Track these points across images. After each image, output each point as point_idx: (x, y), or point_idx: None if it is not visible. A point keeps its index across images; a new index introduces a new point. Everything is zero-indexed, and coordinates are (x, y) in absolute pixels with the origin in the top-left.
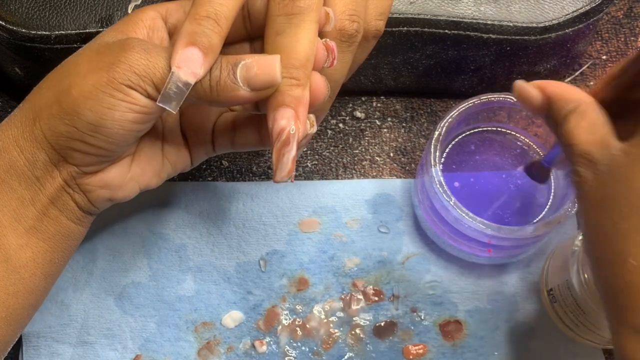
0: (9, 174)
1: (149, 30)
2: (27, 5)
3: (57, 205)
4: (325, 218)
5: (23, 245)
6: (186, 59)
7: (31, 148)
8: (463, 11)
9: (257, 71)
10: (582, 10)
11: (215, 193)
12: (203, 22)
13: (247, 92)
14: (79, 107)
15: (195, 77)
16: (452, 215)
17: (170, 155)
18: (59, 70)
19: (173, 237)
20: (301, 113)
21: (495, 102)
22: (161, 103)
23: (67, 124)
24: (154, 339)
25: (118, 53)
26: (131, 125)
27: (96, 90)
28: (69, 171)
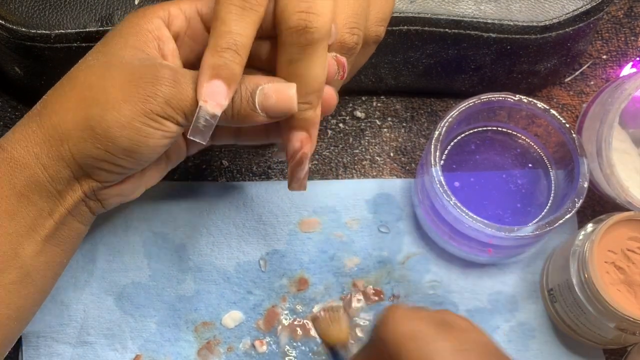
0: (30, 188)
1: (159, 42)
2: (27, 4)
3: (73, 213)
4: (325, 218)
5: (38, 252)
6: (211, 93)
7: (56, 166)
8: (463, 10)
9: (275, 100)
10: (583, 9)
11: (215, 193)
12: (224, 54)
13: (265, 118)
14: (114, 135)
15: (221, 108)
16: (452, 215)
17: (171, 154)
18: (80, 91)
19: (173, 237)
20: (313, 133)
21: (495, 101)
22: (192, 136)
23: (99, 149)
24: (154, 339)
25: (152, 85)
26: (161, 148)
27: (133, 121)
28: (91, 185)
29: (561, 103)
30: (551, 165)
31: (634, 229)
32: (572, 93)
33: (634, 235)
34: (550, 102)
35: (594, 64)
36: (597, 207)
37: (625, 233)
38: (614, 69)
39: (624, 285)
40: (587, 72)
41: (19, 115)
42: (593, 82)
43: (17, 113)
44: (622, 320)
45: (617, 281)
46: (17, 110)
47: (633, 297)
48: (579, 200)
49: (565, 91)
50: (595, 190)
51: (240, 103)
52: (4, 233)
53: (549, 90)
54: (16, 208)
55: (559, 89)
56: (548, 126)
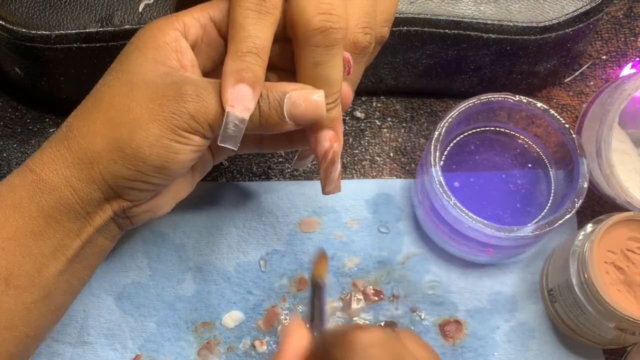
0: (58, 210)
1: (178, 54)
2: (27, 5)
3: (101, 231)
4: (325, 218)
5: (62, 272)
6: (238, 97)
7: (87, 189)
8: (463, 11)
9: (304, 109)
10: (582, 10)
11: (215, 193)
12: (246, 57)
13: (293, 126)
14: (144, 154)
15: (249, 111)
16: (452, 215)
17: (198, 165)
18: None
19: (173, 237)
20: (339, 130)
21: (495, 102)
22: (222, 143)
23: (130, 169)
24: (154, 339)
25: (177, 102)
26: (190, 162)
27: (162, 139)
28: (121, 205)
29: (561, 103)
30: (551, 166)
31: (634, 229)
32: (572, 93)
33: (634, 235)
34: (550, 102)
35: (594, 65)
36: (596, 207)
37: (625, 233)
38: (614, 69)
39: (624, 286)
40: (587, 73)
41: (20, 115)
42: (593, 82)
43: (17, 113)
44: (622, 321)
45: (616, 281)
46: (17, 111)
47: (633, 297)
48: (578, 200)
49: (565, 91)
50: (594, 190)
51: (268, 112)
52: (28, 253)
53: (548, 90)
54: (43, 229)
55: (559, 89)
56: (548, 126)
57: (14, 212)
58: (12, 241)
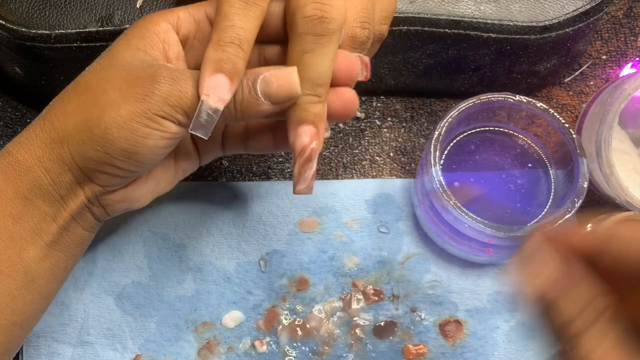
0: (33, 192)
1: (164, 44)
2: (27, 4)
3: (77, 219)
4: (325, 218)
5: (43, 257)
6: (214, 87)
7: (58, 169)
8: (463, 10)
9: (276, 86)
10: (582, 9)
11: (215, 193)
12: (227, 48)
13: (269, 106)
14: (112, 136)
15: (224, 102)
16: (452, 215)
17: (181, 162)
18: (81, 94)
19: (173, 237)
20: (321, 128)
21: (495, 102)
22: (193, 131)
23: (98, 150)
24: (154, 339)
25: (150, 84)
26: (162, 150)
27: (131, 121)
28: (93, 190)
29: (561, 103)
30: (551, 165)
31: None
32: (572, 93)
33: None
34: (550, 102)
35: (594, 64)
36: (596, 207)
37: None
38: (614, 69)
39: None
40: (587, 72)
41: (20, 115)
42: (593, 82)
43: (17, 113)
44: None
45: None
46: (17, 111)
47: None
48: (578, 200)
49: (565, 91)
50: (594, 190)
51: (242, 94)
52: (8, 237)
53: (548, 90)
54: (20, 212)
55: (559, 89)
56: (548, 126)
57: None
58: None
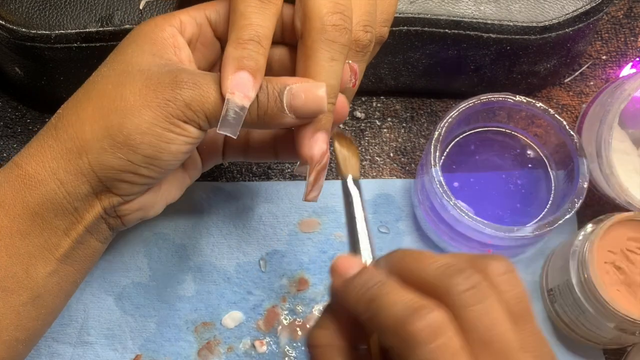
0: (44, 206)
1: (175, 49)
2: (27, 5)
3: (92, 231)
4: (325, 218)
5: (51, 273)
6: (238, 84)
7: (74, 181)
8: (463, 11)
9: (304, 100)
10: (582, 9)
11: (216, 193)
12: (248, 45)
13: (293, 119)
14: (135, 142)
15: (249, 99)
16: (452, 215)
17: (189, 167)
18: (97, 101)
19: (173, 237)
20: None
21: (495, 102)
22: (222, 130)
23: (120, 158)
24: (154, 339)
25: (172, 89)
26: (183, 155)
27: (154, 126)
28: (111, 201)
29: (561, 103)
30: (551, 166)
31: (634, 230)
32: (572, 93)
33: (634, 235)
34: (550, 102)
35: (594, 65)
36: (596, 207)
37: (625, 233)
38: (614, 69)
39: (624, 286)
40: (587, 73)
41: (20, 115)
42: (593, 82)
43: (17, 113)
44: (622, 321)
45: (616, 281)
46: (17, 111)
47: (633, 298)
48: (578, 200)
49: (565, 91)
50: (594, 190)
51: (267, 103)
52: (15, 253)
53: (548, 90)
54: (29, 227)
55: (559, 89)
56: (548, 126)
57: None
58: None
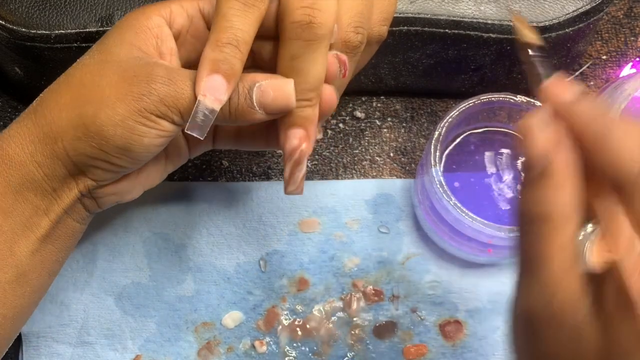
0: (25, 186)
1: (157, 39)
2: (27, 5)
3: (69, 212)
4: (325, 218)
5: (34, 251)
6: (211, 87)
7: (51, 164)
8: (463, 11)
9: (272, 97)
10: (582, 9)
11: (215, 193)
12: (225, 48)
13: (263, 115)
14: (108, 134)
15: (220, 103)
16: (452, 215)
17: (171, 154)
18: (75, 90)
19: (173, 237)
20: (311, 131)
21: (495, 102)
22: (189, 131)
23: (93, 147)
24: (154, 339)
25: (147, 83)
26: (156, 148)
27: (127, 119)
28: (86, 184)
29: None
30: None
31: None
32: None
33: None
34: None
35: (594, 65)
36: None
37: None
38: (614, 69)
39: None
40: (587, 73)
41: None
42: (593, 82)
43: (17, 113)
44: None
45: None
46: (17, 111)
47: None
48: None
49: None
50: None
51: (237, 100)
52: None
53: None
54: (12, 206)
55: None
56: None
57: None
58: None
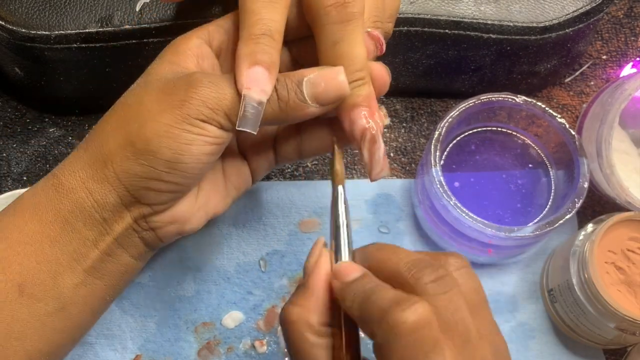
0: (74, 214)
1: (198, 58)
2: (27, 5)
3: (123, 245)
4: (325, 218)
5: (78, 284)
6: (253, 79)
7: (102, 190)
8: (463, 11)
9: (324, 87)
10: (583, 10)
11: None
12: (260, 40)
13: (316, 108)
14: (155, 147)
15: (266, 94)
16: (452, 215)
17: (231, 176)
18: (120, 112)
19: None
20: (374, 106)
21: (495, 102)
22: (241, 127)
23: (143, 164)
24: (154, 339)
25: (187, 90)
26: (207, 157)
27: (172, 128)
28: (141, 211)
29: (561, 103)
30: (551, 166)
31: (634, 230)
32: (572, 93)
33: (634, 235)
34: (550, 102)
35: (594, 65)
36: (597, 207)
37: (626, 233)
38: (614, 69)
39: (624, 286)
40: (587, 73)
41: (19, 115)
42: (593, 82)
43: (17, 113)
44: (622, 321)
45: (617, 281)
46: (17, 111)
47: (633, 298)
48: (579, 200)
49: (566, 91)
50: (595, 190)
51: (287, 95)
52: (43, 260)
53: (549, 90)
54: (59, 234)
55: (559, 89)
56: (548, 126)
57: (32, 215)
58: (27, 246)
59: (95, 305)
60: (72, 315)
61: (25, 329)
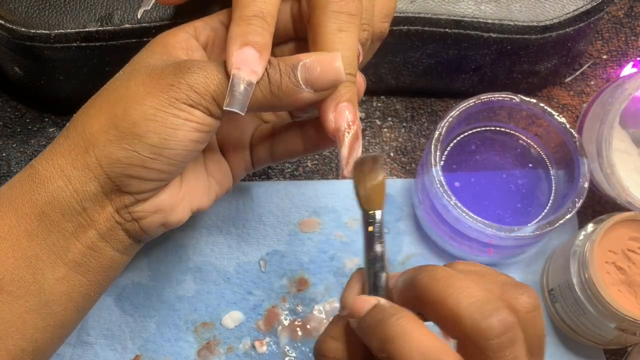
0: (52, 205)
1: (188, 50)
2: (26, 4)
3: (106, 237)
4: (325, 218)
5: (60, 279)
6: (243, 60)
7: (81, 178)
8: (463, 10)
9: (320, 71)
10: (583, 9)
11: None
12: (252, 21)
13: (310, 94)
14: (140, 130)
15: (257, 75)
16: (452, 215)
17: (213, 172)
18: (104, 96)
19: (173, 237)
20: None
21: (495, 101)
22: (228, 107)
23: (126, 149)
24: (154, 339)
25: (176, 74)
26: (193, 144)
27: (158, 112)
28: (122, 200)
29: (561, 103)
30: (551, 165)
31: (635, 229)
32: (573, 93)
33: (635, 235)
34: (551, 102)
35: (594, 64)
36: (597, 207)
37: (626, 233)
38: (614, 69)
39: (625, 286)
40: (588, 72)
41: (19, 115)
42: (593, 82)
43: (17, 113)
44: (623, 321)
45: (617, 281)
46: (16, 110)
47: (633, 298)
48: (579, 200)
49: (566, 91)
50: (595, 190)
51: (280, 79)
52: (22, 255)
53: (549, 90)
54: (36, 228)
55: (559, 89)
56: (548, 126)
57: (9, 209)
58: (4, 241)
59: (79, 301)
60: (56, 313)
61: (5, 327)
